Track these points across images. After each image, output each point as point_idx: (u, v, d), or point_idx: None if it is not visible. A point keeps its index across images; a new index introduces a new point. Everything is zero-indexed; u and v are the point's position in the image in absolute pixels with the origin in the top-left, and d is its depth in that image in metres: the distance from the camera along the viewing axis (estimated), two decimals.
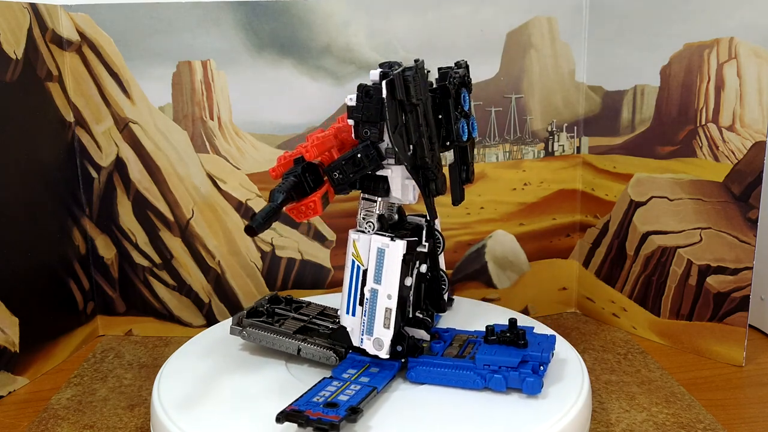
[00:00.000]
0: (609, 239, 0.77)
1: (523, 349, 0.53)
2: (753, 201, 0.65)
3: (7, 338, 0.66)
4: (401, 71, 0.49)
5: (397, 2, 0.72)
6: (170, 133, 0.73)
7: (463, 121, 0.54)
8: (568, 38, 0.75)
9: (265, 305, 0.63)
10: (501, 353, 0.53)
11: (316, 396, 0.50)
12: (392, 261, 0.53)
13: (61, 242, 0.72)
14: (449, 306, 0.66)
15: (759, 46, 0.62)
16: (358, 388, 0.51)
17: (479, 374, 0.52)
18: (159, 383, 0.55)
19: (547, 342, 0.55)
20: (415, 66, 0.50)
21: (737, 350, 0.67)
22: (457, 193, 0.58)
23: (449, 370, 0.53)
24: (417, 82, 0.50)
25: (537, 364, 0.52)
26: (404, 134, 0.50)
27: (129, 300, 0.77)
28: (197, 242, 0.76)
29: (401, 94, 0.49)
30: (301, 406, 0.48)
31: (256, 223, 0.49)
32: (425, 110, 0.51)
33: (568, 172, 0.79)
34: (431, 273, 0.59)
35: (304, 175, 0.53)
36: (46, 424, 0.59)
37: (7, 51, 0.65)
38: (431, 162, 0.51)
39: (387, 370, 0.54)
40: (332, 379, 0.53)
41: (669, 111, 0.70)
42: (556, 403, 0.51)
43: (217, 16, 0.71)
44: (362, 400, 0.49)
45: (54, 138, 0.71)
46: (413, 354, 0.55)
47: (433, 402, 0.52)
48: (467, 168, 0.58)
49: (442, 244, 0.61)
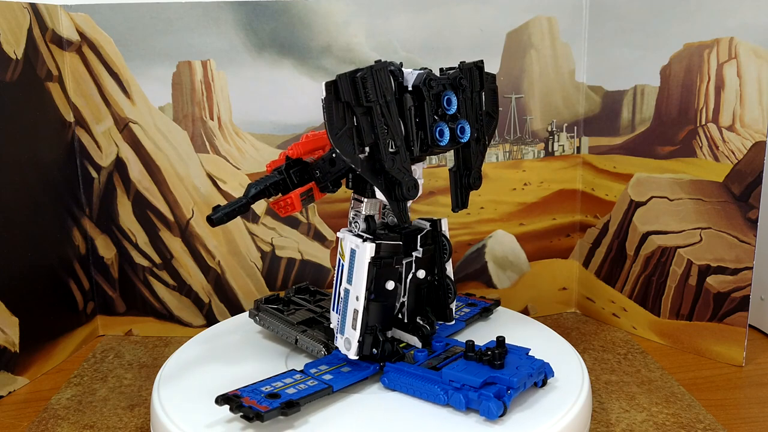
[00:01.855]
0: (609, 239, 0.77)
1: (496, 369, 0.50)
2: (753, 201, 0.65)
3: (7, 338, 0.66)
4: (348, 73, 0.48)
5: (397, 2, 0.72)
6: (170, 133, 0.73)
7: (441, 125, 0.52)
8: (568, 38, 0.75)
9: (290, 294, 0.65)
10: (469, 371, 0.50)
11: (269, 385, 0.51)
12: (360, 263, 0.53)
13: (61, 242, 0.72)
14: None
15: (759, 46, 0.62)
16: (313, 384, 0.51)
17: (443, 389, 0.50)
18: (159, 383, 0.55)
19: (530, 367, 0.51)
20: (370, 67, 0.49)
21: (737, 350, 0.67)
22: (456, 198, 0.56)
23: (417, 381, 0.51)
24: (374, 82, 0.48)
25: (504, 387, 0.49)
26: (354, 136, 0.49)
27: (129, 300, 0.77)
28: (197, 242, 0.76)
29: (347, 96, 0.48)
30: (243, 393, 0.49)
31: (216, 217, 0.52)
32: (388, 112, 0.49)
33: (568, 172, 0.79)
34: (436, 279, 0.58)
35: (288, 171, 0.55)
36: (46, 424, 0.59)
37: (7, 51, 0.65)
38: (393, 165, 0.50)
39: (358, 372, 0.53)
40: (298, 372, 0.53)
41: (669, 111, 0.70)
42: (556, 403, 0.51)
43: (217, 16, 0.71)
44: (307, 397, 0.49)
45: (54, 138, 0.71)
46: (391, 359, 0.54)
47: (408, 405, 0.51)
48: (469, 173, 0.55)
49: (448, 250, 0.58)
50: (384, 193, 0.51)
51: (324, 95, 0.47)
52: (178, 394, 0.53)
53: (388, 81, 0.49)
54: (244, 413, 0.47)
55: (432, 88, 0.51)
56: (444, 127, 0.52)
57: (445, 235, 0.57)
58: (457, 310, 0.66)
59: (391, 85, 0.50)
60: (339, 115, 0.48)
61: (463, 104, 0.53)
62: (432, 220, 0.57)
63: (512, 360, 0.52)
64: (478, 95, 0.55)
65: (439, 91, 0.52)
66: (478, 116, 0.55)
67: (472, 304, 0.68)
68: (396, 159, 0.50)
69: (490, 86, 0.56)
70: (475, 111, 0.54)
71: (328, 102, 0.47)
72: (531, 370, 0.51)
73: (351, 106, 0.48)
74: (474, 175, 0.55)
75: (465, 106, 0.54)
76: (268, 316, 0.62)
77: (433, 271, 0.57)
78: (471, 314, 0.66)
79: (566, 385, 0.54)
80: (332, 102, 0.48)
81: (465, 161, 0.55)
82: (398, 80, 0.51)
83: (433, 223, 0.57)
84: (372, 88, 0.48)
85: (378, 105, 0.49)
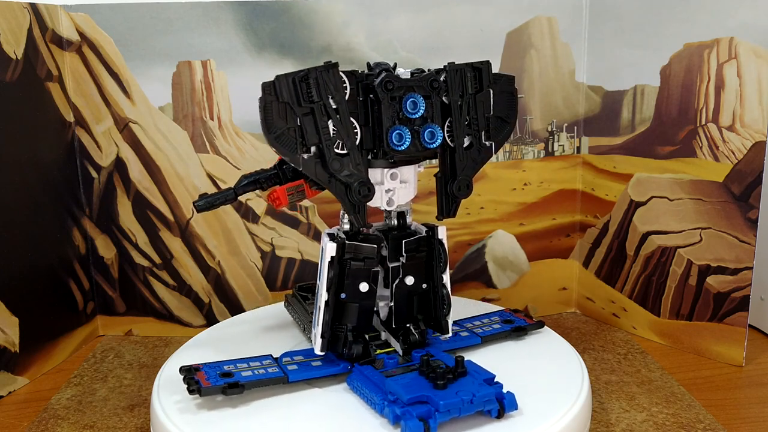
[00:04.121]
0: (609, 239, 0.77)
1: (437, 389, 0.48)
2: (753, 201, 0.65)
3: (7, 338, 0.66)
4: (289, 73, 0.48)
5: (397, 2, 0.72)
6: (170, 133, 0.73)
7: (399, 128, 0.50)
8: (568, 38, 0.75)
9: None
10: (408, 386, 0.48)
11: (232, 365, 0.53)
12: (323, 261, 0.53)
13: (61, 242, 0.72)
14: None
15: (759, 46, 0.62)
16: (273, 372, 0.53)
17: (382, 399, 0.49)
18: (159, 383, 0.55)
19: (474, 394, 0.47)
20: (314, 68, 0.49)
21: (737, 350, 0.67)
22: (441, 206, 0.54)
23: (368, 387, 0.51)
24: (318, 83, 0.48)
25: (432, 409, 0.46)
26: (297, 136, 0.49)
27: (129, 300, 0.77)
28: (197, 242, 0.76)
29: (287, 96, 0.48)
30: (204, 367, 0.53)
31: (200, 204, 0.56)
32: (335, 113, 0.49)
33: (568, 172, 0.79)
34: (427, 288, 0.55)
35: (281, 166, 0.56)
36: (46, 424, 0.59)
37: (7, 51, 0.65)
38: (340, 167, 0.49)
39: (323, 368, 0.54)
40: (271, 359, 0.55)
41: (669, 111, 0.70)
42: (556, 403, 0.51)
43: (217, 16, 0.71)
44: (256, 382, 0.51)
45: (54, 138, 0.71)
46: (360, 360, 0.54)
47: (358, 409, 0.51)
48: (455, 181, 0.53)
49: (443, 260, 0.55)
50: (336, 194, 0.50)
51: (261, 95, 0.48)
52: (178, 394, 0.53)
53: (338, 82, 0.49)
54: (188, 384, 0.50)
55: (390, 90, 0.50)
56: (403, 131, 0.50)
57: (442, 244, 0.55)
58: (484, 326, 0.63)
59: (340, 86, 0.49)
60: (279, 115, 0.49)
61: (432, 107, 0.51)
62: (430, 225, 0.55)
63: (463, 383, 0.49)
64: (472, 98, 0.53)
65: (402, 93, 0.50)
66: (473, 121, 0.53)
67: (507, 321, 0.64)
68: (344, 161, 0.49)
69: (505, 89, 0.54)
70: (469, 115, 0.52)
71: (265, 103, 0.48)
72: (472, 396, 0.47)
73: (291, 106, 0.48)
74: (460, 183, 0.53)
75: (435, 110, 0.51)
76: (294, 303, 0.63)
77: (427, 279, 0.56)
78: (494, 331, 0.61)
79: (566, 385, 0.54)
80: (271, 103, 0.48)
81: (452, 167, 0.53)
82: (363, 81, 0.50)
83: (430, 229, 0.55)
84: (315, 88, 0.48)
85: (321, 106, 0.49)
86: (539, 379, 0.55)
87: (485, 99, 0.53)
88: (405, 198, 0.55)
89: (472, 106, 0.53)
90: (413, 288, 0.55)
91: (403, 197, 0.54)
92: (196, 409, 0.51)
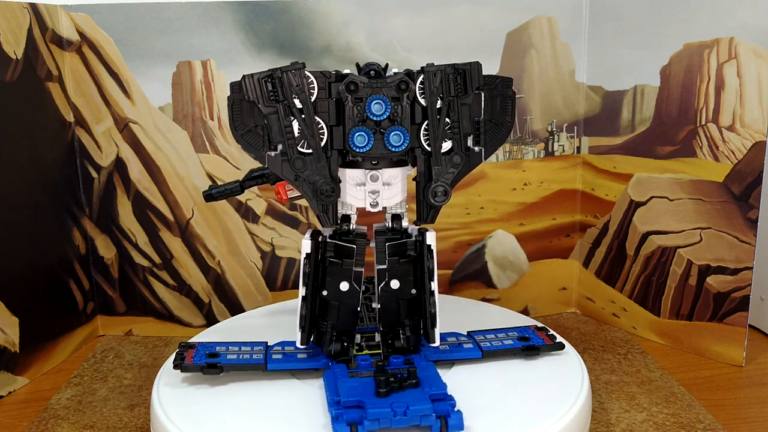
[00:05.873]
0: (609, 239, 0.77)
1: (376, 397, 0.47)
2: (753, 201, 0.65)
3: (7, 338, 0.66)
4: (255, 73, 0.49)
5: (397, 2, 0.72)
6: (170, 133, 0.73)
7: (360, 130, 0.50)
8: (568, 38, 0.75)
9: None
10: (353, 389, 0.48)
11: (224, 347, 0.56)
12: (301, 257, 0.53)
13: (61, 242, 0.72)
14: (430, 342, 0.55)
15: (759, 46, 0.62)
16: (257, 358, 0.55)
17: (331, 398, 0.49)
18: (159, 383, 0.55)
19: (408, 406, 0.46)
20: (279, 68, 0.49)
21: (737, 350, 0.67)
22: (419, 210, 0.53)
23: (328, 385, 0.51)
24: (282, 83, 0.49)
25: (358, 417, 0.46)
26: (264, 134, 0.50)
27: (129, 300, 0.77)
28: (197, 242, 0.76)
29: (253, 95, 0.49)
30: (199, 346, 0.57)
31: (212, 193, 0.61)
32: (299, 113, 0.49)
33: (568, 172, 0.79)
34: (415, 293, 0.54)
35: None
36: (46, 424, 0.59)
37: (7, 51, 0.65)
38: (303, 166, 0.50)
39: (303, 361, 0.55)
40: (262, 345, 0.57)
41: (669, 111, 0.70)
42: (556, 403, 0.51)
43: (217, 16, 0.71)
44: (236, 365, 0.54)
45: (54, 138, 0.71)
46: (338, 358, 0.54)
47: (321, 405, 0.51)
48: (433, 185, 0.51)
49: (431, 267, 0.52)
50: (303, 192, 0.51)
51: (229, 94, 0.50)
52: (178, 395, 0.53)
53: (303, 82, 0.50)
54: (175, 359, 0.55)
55: (353, 91, 0.50)
56: (364, 133, 0.50)
57: (431, 249, 0.52)
58: (495, 339, 0.59)
59: (306, 86, 0.50)
60: (246, 113, 0.51)
61: (401, 110, 0.51)
62: (422, 230, 0.54)
63: (406, 395, 0.47)
64: (454, 101, 0.51)
65: (368, 94, 0.50)
66: (455, 125, 0.51)
67: (523, 338, 0.59)
68: (307, 160, 0.50)
69: (501, 92, 0.52)
70: (450, 118, 0.51)
71: (233, 101, 0.50)
72: (405, 408, 0.46)
73: (257, 105, 0.50)
74: (435, 188, 0.51)
75: (404, 112, 0.51)
76: None
77: (416, 284, 0.54)
78: (502, 347, 0.58)
79: (566, 385, 0.54)
80: (239, 101, 0.50)
81: (428, 172, 0.52)
82: (334, 82, 0.51)
83: (420, 234, 0.53)
84: (280, 88, 0.50)
85: (286, 105, 0.50)
86: (539, 379, 0.55)
87: (474, 102, 0.52)
88: (390, 200, 0.53)
89: (454, 109, 0.51)
90: (399, 293, 0.54)
91: (387, 199, 0.53)
92: (196, 409, 0.51)
